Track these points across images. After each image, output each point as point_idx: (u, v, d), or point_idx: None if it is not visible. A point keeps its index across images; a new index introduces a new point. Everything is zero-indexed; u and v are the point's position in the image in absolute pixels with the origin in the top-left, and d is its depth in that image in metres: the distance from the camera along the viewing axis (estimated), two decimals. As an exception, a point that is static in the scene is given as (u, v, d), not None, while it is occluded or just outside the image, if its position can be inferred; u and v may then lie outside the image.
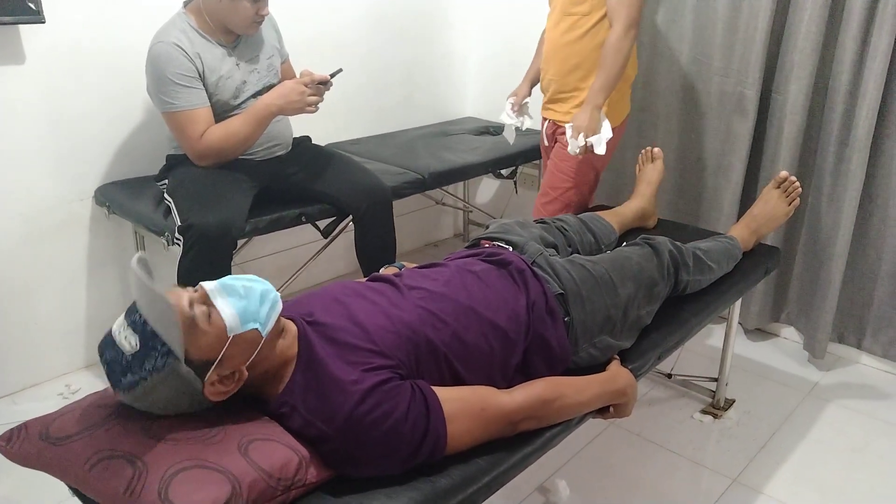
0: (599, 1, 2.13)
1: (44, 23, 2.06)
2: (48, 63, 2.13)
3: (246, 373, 1.12)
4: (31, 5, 2.01)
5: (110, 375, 1.08)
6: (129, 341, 1.04)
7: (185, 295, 1.09)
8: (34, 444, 1.11)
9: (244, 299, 1.11)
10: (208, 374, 1.09)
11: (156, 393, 1.07)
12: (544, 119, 2.42)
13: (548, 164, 2.40)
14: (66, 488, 1.14)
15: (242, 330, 1.10)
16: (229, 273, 2.00)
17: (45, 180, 2.22)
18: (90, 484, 1.05)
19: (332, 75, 2.11)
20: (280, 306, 1.17)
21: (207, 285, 1.12)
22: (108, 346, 1.08)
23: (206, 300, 1.10)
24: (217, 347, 1.08)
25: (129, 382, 1.06)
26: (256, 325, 1.11)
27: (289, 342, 1.20)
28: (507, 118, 2.51)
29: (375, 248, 2.30)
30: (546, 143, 2.45)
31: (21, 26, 2.05)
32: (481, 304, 1.37)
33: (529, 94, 2.51)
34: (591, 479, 1.95)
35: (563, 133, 2.23)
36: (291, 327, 1.22)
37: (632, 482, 1.94)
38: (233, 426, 1.13)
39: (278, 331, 1.18)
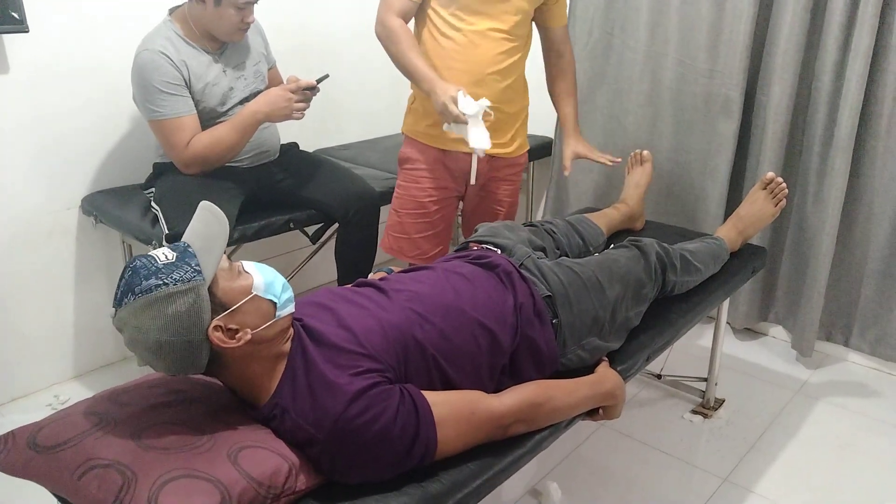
0: (529, 24, 2.06)
1: (27, 32, 2.05)
2: (33, 72, 2.13)
3: (249, 336, 1.12)
4: (15, 15, 2.00)
5: (131, 279, 1.07)
6: (165, 255, 1.10)
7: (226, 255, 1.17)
8: (22, 453, 1.10)
9: (271, 276, 1.19)
10: (220, 315, 1.10)
11: (166, 305, 1.06)
12: (466, 154, 2.04)
13: (493, 207, 2.20)
14: (54, 500, 1.13)
15: (264, 295, 1.15)
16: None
17: (31, 190, 2.21)
18: (79, 494, 1.04)
19: (319, 81, 2.11)
20: (293, 307, 1.21)
21: (244, 261, 1.21)
22: (140, 256, 1.11)
23: (240, 266, 1.18)
24: (238, 297, 1.12)
25: (148, 285, 1.06)
26: (275, 300, 1.16)
27: (285, 341, 1.20)
28: (474, 106, 1.80)
29: (356, 252, 2.30)
30: (473, 181, 2.08)
31: (4, 36, 2.04)
32: (469, 305, 1.38)
33: None
34: (582, 480, 1.95)
35: (508, 167, 2.14)
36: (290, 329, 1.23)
37: (623, 483, 1.95)
38: (222, 434, 1.13)
39: (284, 326, 1.19)
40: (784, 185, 2.09)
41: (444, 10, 1.96)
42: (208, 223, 1.13)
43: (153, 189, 2.15)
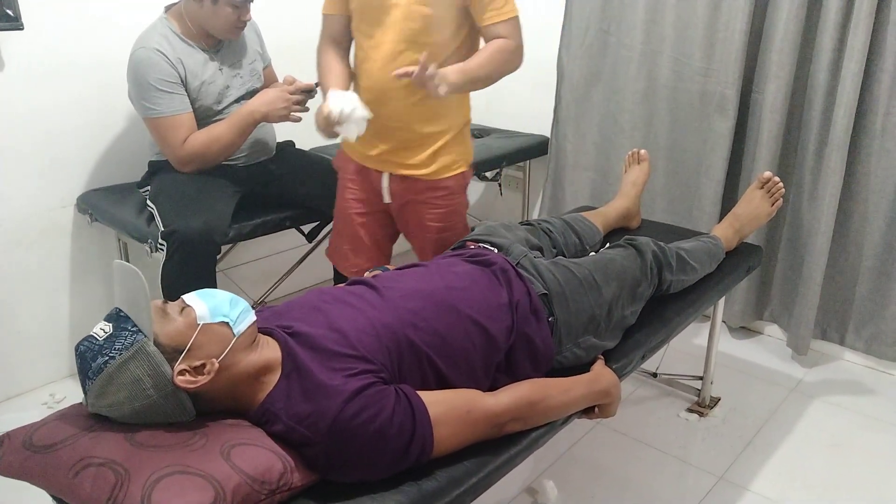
0: (458, 28, 1.82)
1: (22, 29, 2.04)
2: (27, 70, 2.12)
3: (217, 365, 1.12)
4: (9, 12, 2.00)
5: (82, 366, 1.10)
6: (103, 330, 1.11)
7: (161, 300, 1.17)
8: (18, 454, 1.10)
9: (214, 299, 1.18)
10: (179, 360, 1.10)
11: (122, 375, 1.07)
12: (378, 172, 1.96)
13: (416, 233, 2.02)
14: (49, 500, 1.13)
15: (212, 320, 1.14)
16: (214, 278, 2.01)
17: (26, 188, 2.20)
18: (73, 492, 1.04)
19: (317, 84, 2.10)
20: (253, 315, 1.21)
21: (184, 295, 1.19)
22: (84, 340, 1.12)
23: (181, 303, 1.17)
24: (187, 334, 1.12)
25: (98, 365, 1.08)
26: (227, 321, 1.16)
27: (269, 353, 1.20)
28: (360, 108, 1.76)
29: None
30: (388, 199, 1.98)
31: (-1, 33, 2.04)
32: (462, 302, 1.38)
33: None
34: (578, 478, 1.96)
35: (427, 190, 1.91)
36: (271, 341, 1.23)
37: (619, 481, 1.95)
38: (215, 432, 1.13)
39: (251, 339, 1.19)
40: (781, 184, 2.09)
41: (355, 28, 1.90)
42: (126, 281, 1.12)
43: (148, 187, 2.15)
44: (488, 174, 2.98)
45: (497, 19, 1.81)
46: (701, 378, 2.28)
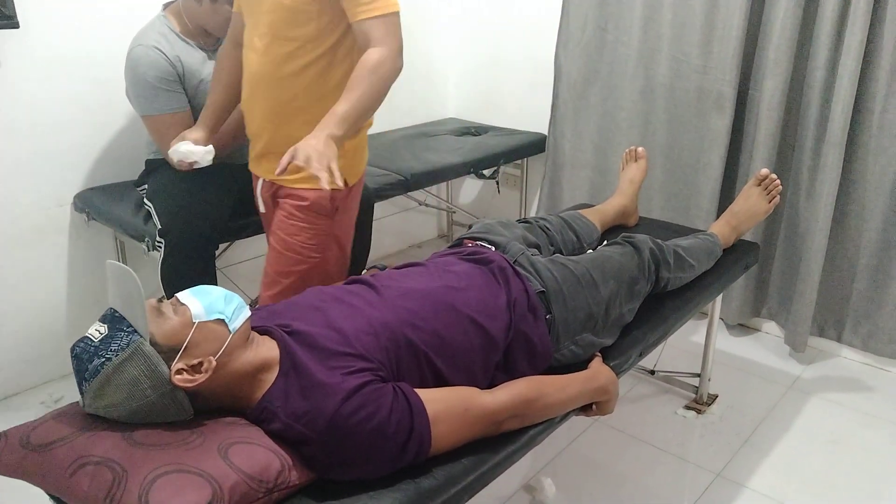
0: (330, 23, 1.64)
1: (18, 28, 2.04)
2: (24, 68, 2.11)
3: (214, 363, 1.12)
4: (5, 10, 1.99)
5: (78, 367, 1.09)
6: (98, 331, 1.10)
7: (155, 298, 1.16)
8: (15, 453, 1.10)
9: (209, 296, 1.17)
10: (176, 360, 1.10)
11: (119, 376, 1.07)
12: (255, 177, 1.87)
13: (270, 241, 1.83)
14: (47, 499, 1.13)
15: (207, 318, 1.14)
16: (213, 276, 2.00)
17: (23, 187, 2.20)
18: (71, 491, 1.04)
19: None
20: (248, 311, 1.21)
21: (178, 293, 1.19)
22: (79, 342, 1.12)
23: (175, 301, 1.17)
24: (183, 333, 1.11)
25: (95, 367, 1.07)
26: (223, 317, 1.15)
27: (266, 351, 1.20)
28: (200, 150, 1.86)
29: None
30: (262, 209, 1.88)
31: (-5, 32, 2.03)
32: (461, 302, 1.38)
33: (207, 144, 1.90)
34: (576, 476, 1.96)
35: (287, 197, 1.74)
36: (268, 339, 1.23)
37: (617, 478, 1.96)
38: (212, 430, 1.13)
39: (246, 335, 1.19)
40: (778, 181, 2.09)
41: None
42: (120, 282, 1.11)
43: (146, 185, 2.15)
44: (486, 172, 2.98)
45: (366, 15, 1.60)
46: (698, 375, 2.28)
